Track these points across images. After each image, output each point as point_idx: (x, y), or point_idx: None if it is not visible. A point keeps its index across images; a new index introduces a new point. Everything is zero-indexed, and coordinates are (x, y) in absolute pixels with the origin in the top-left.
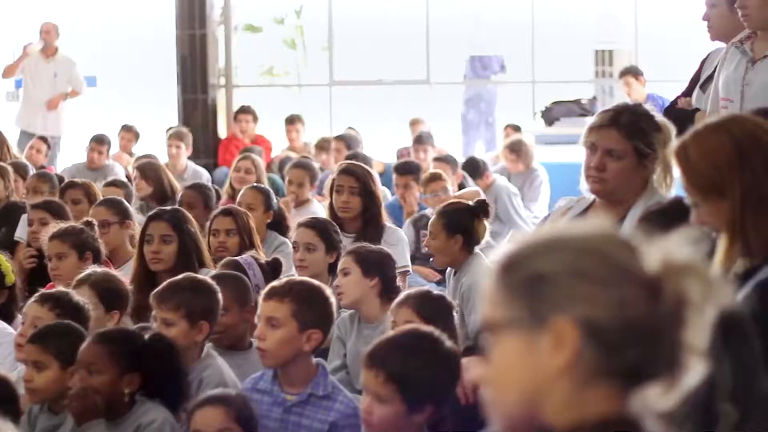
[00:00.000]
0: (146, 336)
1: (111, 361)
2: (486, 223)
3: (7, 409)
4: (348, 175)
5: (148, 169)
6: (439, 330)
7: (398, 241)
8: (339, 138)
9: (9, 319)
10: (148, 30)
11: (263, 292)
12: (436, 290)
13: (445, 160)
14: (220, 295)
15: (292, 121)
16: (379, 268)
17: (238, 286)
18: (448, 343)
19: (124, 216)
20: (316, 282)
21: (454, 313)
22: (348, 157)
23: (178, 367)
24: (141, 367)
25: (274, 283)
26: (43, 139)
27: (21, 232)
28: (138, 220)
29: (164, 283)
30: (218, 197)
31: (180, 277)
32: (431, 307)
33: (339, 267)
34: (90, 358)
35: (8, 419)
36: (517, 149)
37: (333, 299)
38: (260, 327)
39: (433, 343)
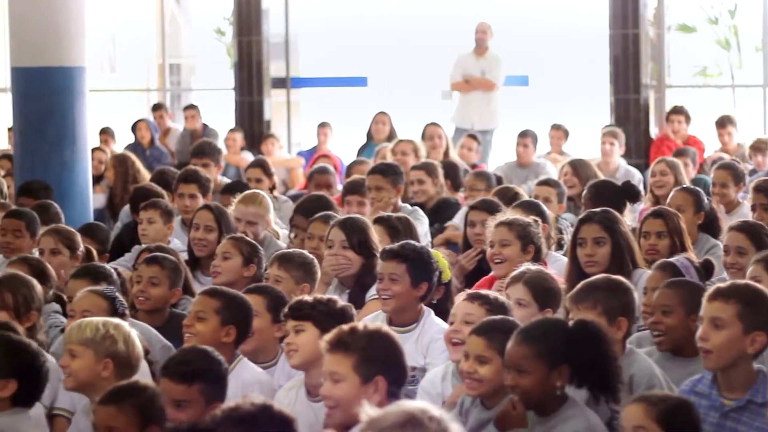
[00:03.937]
0: (570, 324)
1: (538, 361)
2: None
3: None
4: (757, 192)
5: (580, 167)
6: None
7: None
8: None
9: (445, 316)
10: (581, 30)
11: (707, 293)
12: None
13: None
14: (635, 294)
15: (722, 123)
16: None
17: (689, 290)
18: None
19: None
20: (760, 285)
21: None
22: None
23: (605, 353)
24: (568, 358)
25: (719, 284)
26: (473, 137)
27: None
28: (571, 219)
29: (580, 284)
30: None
31: (596, 277)
32: None
33: (748, 275)
34: (516, 359)
35: None
36: None
37: None
38: (704, 328)
39: None
